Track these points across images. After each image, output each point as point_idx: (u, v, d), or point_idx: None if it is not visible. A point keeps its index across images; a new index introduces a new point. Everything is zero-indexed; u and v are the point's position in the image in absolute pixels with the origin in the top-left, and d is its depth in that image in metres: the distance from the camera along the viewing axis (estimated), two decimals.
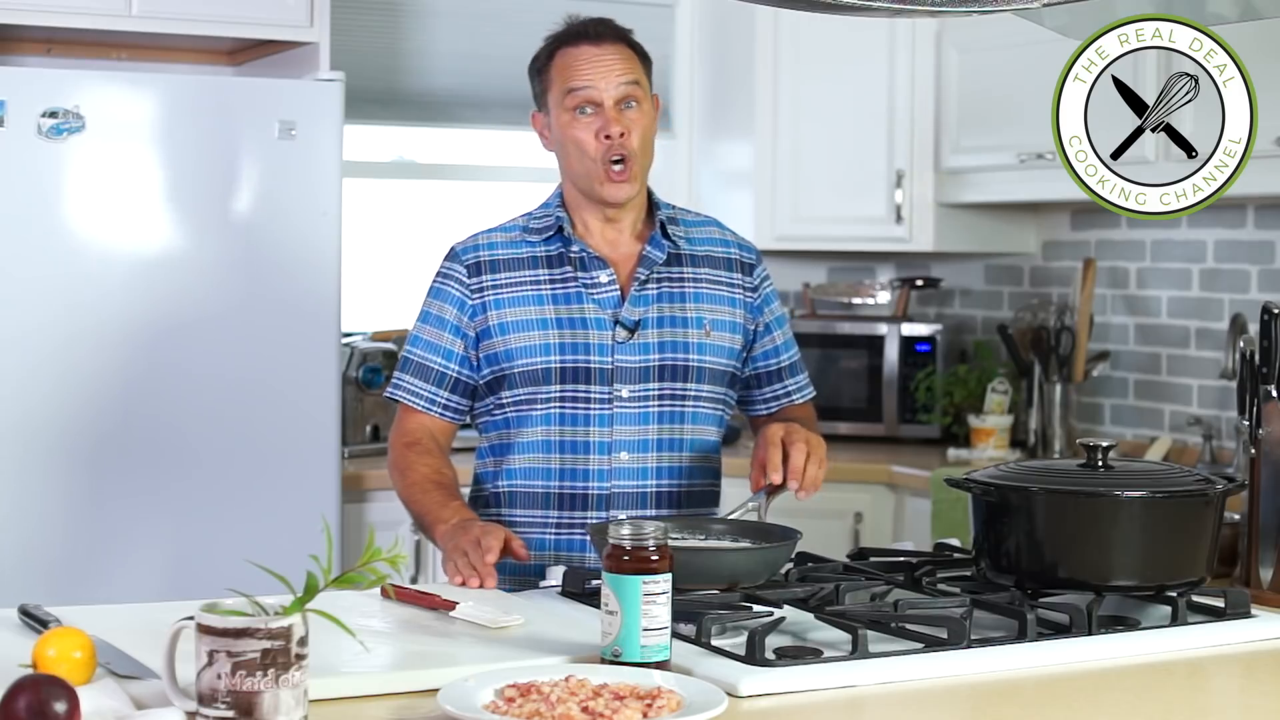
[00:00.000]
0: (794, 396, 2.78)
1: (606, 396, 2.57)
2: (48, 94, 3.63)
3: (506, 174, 4.94)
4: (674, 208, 2.73)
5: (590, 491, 2.58)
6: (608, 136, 2.56)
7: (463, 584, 2.31)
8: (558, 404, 2.57)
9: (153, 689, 1.73)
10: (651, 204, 2.69)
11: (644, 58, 2.64)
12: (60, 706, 1.55)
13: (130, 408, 3.71)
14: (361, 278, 4.53)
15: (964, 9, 2.10)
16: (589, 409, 2.57)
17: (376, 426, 4.27)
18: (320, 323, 3.89)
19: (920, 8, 2.08)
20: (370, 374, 4.24)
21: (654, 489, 2.60)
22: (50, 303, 3.65)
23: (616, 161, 2.57)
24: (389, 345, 4.34)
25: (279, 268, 3.84)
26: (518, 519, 2.60)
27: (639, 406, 2.58)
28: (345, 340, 4.14)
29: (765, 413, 2.77)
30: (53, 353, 3.65)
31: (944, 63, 4.49)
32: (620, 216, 2.63)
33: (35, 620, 2.03)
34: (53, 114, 3.63)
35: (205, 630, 1.59)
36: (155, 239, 3.74)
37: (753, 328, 2.71)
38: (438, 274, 2.67)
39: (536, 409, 2.58)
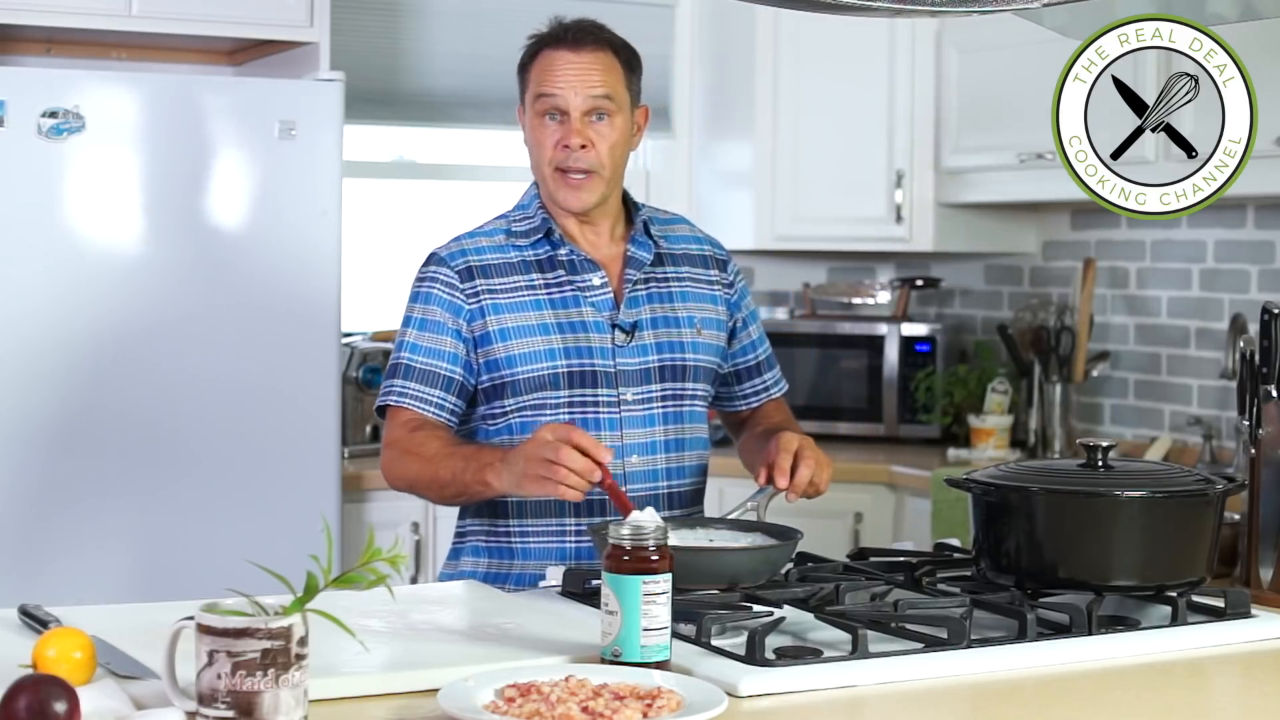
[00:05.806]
0: (772, 391, 2.78)
1: (614, 400, 2.55)
2: (48, 94, 3.63)
3: (506, 174, 4.93)
4: (646, 206, 2.71)
5: (606, 498, 2.52)
6: (566, 146, 2.53)
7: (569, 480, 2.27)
8: (567, 409, 2.53)
9: (153, 689, 1.73)
10: (629, 205, 2.67)
11: (630, 66, 2.58)
12: (60, 706, 1.55)
13: (130, 408, 3.71)
14: (361, 278, 4.52)
15: (964, 9, 2.10)
16: (598, 413, 2.54)
17: (376, 427, 4.27)
18: (320, 323, 3.89)
19: (920, 8, 2.08)
20: (370, 374, 4.24)
21: (665, 490, 2.58)
22: (50, 303, 3.65)
23: (572, 171, 2.54)
24: (389, 345, 4.34)
25: (279, 268, 3.84)
26: (529, 528, 2.55)
27: (644, 409, 2.57)
28: (345, 340, 4.14)
29: (745, 409, 2.77)
30: (52, 352, 3.65)
31: (944, 63, 4.49)
32: (596, 219, 2.60)
33: (35, 620, 2.03)
34: (53, 114, 3.63)
35: (205, 630, 1.59)
36: (155, 239, 3.74)
37: (731, 324, 2.71)
38: (422, 279, 2.59)
39: (545, 414, 2.52)
